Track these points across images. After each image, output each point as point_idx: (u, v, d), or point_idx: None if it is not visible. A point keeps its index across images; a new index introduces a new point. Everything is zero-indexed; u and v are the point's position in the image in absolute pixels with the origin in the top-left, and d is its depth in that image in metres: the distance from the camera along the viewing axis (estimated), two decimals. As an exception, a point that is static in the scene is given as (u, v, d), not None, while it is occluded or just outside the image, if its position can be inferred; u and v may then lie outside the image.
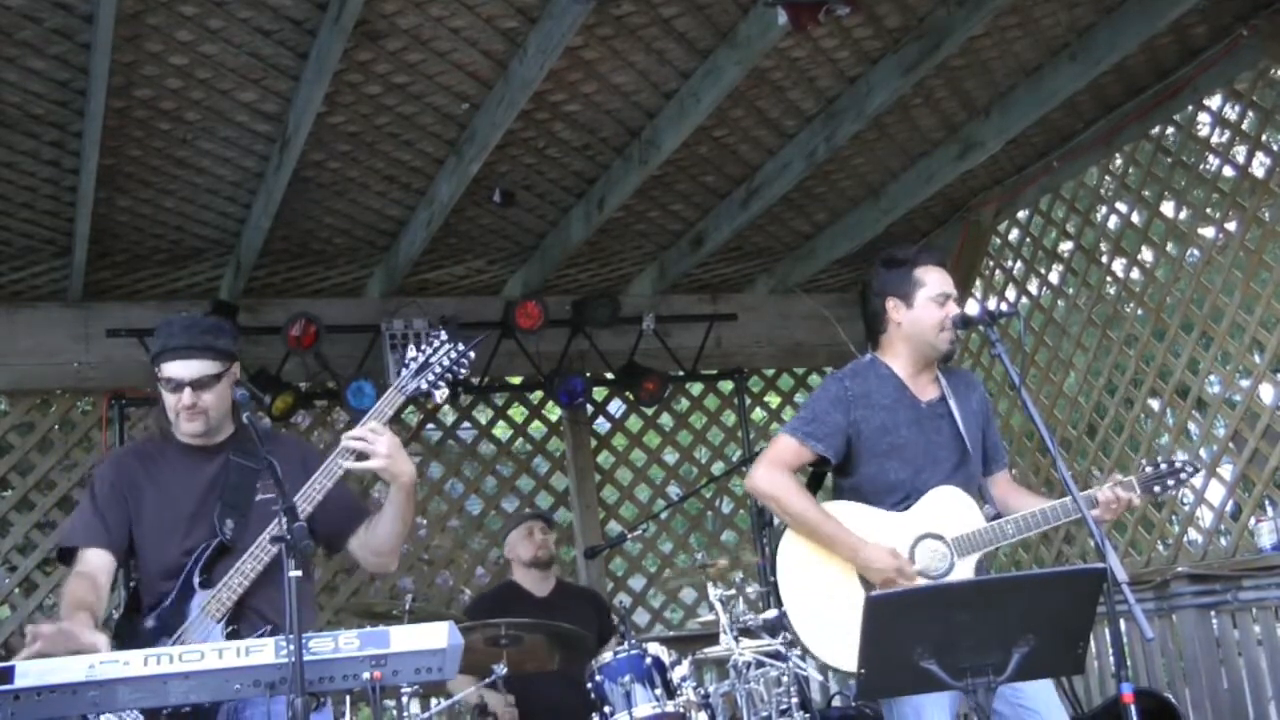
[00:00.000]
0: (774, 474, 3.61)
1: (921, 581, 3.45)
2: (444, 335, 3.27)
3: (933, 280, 3.66)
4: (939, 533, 3.53)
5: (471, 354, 3.28)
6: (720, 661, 4.63)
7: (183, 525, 3.23)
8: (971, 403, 3.72)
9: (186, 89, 4.59)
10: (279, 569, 2.76)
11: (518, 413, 7.83)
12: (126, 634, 3.17)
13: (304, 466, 3.26)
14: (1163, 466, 3.60)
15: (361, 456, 3.15)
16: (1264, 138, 5.72)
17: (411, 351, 3.26)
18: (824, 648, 3.48)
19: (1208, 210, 5.79)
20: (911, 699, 3.35)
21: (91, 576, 3.18)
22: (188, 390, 3.20)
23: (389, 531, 3.30)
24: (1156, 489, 3.59)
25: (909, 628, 2.85)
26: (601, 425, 7.45)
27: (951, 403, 3.67)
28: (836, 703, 5.79)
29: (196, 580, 3.16)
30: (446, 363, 3.24)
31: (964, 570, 3.50)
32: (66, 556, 3.30)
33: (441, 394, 3.27)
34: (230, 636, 3.07)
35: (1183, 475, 3.59)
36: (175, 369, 3.22)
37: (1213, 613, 5.60)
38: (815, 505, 3.57)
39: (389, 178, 5.54)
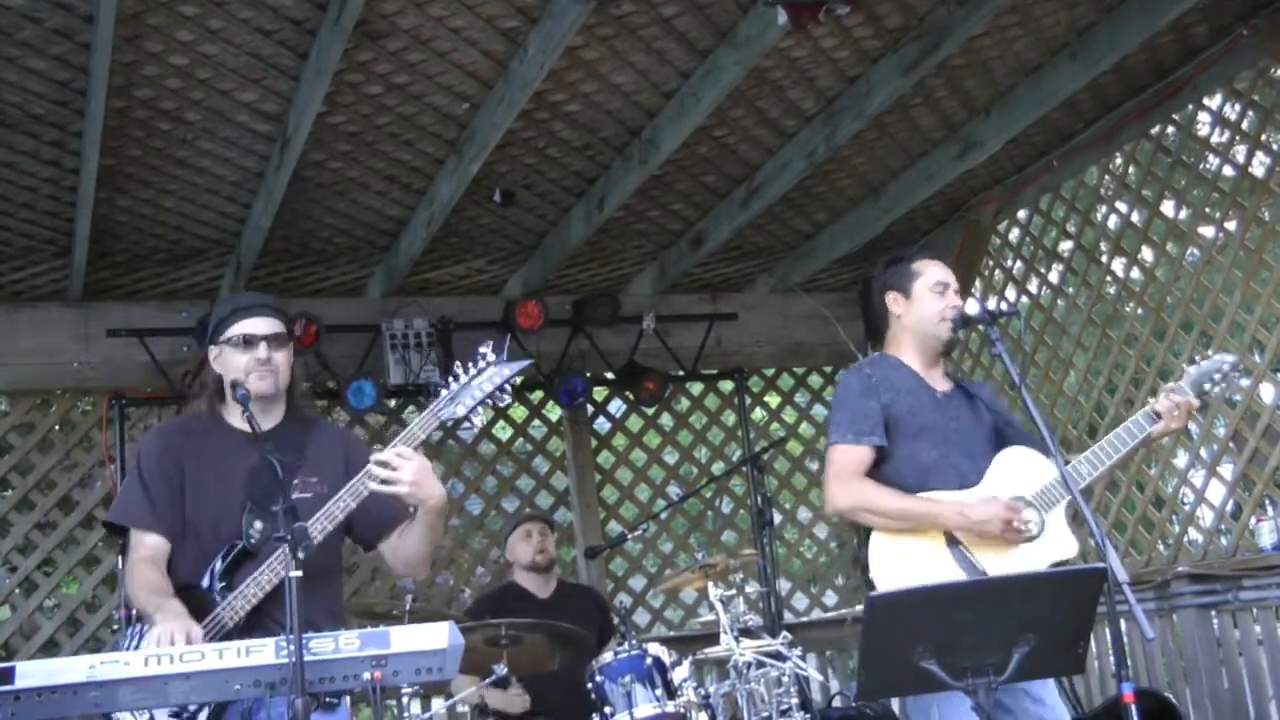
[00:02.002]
0: (849, 485, 3.49)
1: (1031, 516, 3.42)
2: (490, 357, 3.11)
3: (931, 271, 3.67)
4: (1020, 494, 3.48)
5: (517, 380, 3.12)
6: (721, 662, 4.63)
7: (217, 515, 3.18)
8: (984, 394, 3.73)
9: (187, 89, 4.59)
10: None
11: (518, 412, 7.83)
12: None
13: (346, 464, 3.23)
14: (1204, 364, 3.60)
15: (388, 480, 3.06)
16: (1264, 137, 5.71)
17: (456, 368, 3.11)
18: None
19: (1207, 210, 5.79)
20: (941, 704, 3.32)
21: (154, 561, 3.14)
22: (263, 344, 3.16)
23: (418, 545, 3.25)
24: (1207, 387, 3.58)
25: (909, 628, 2.85)
26: (602, 425, 7.45)
27: (969, 390, 3.70)
28: (837, 703, 5.79)
29: (217, 585, 3.12)
30: (489, 388, 3.09)
31: (1056, 524, 3.46)
32: (116, 531, 3.29)
33: (479, 420, 3.14)
34: None
35: (1225, 367, 3.57)
36: (250, 325, 3.18)
37: (1213, 612, 5.60)
38: (905, 495, 3.46)
39: (389, 178, 5.54)
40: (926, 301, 3.62)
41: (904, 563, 3.41)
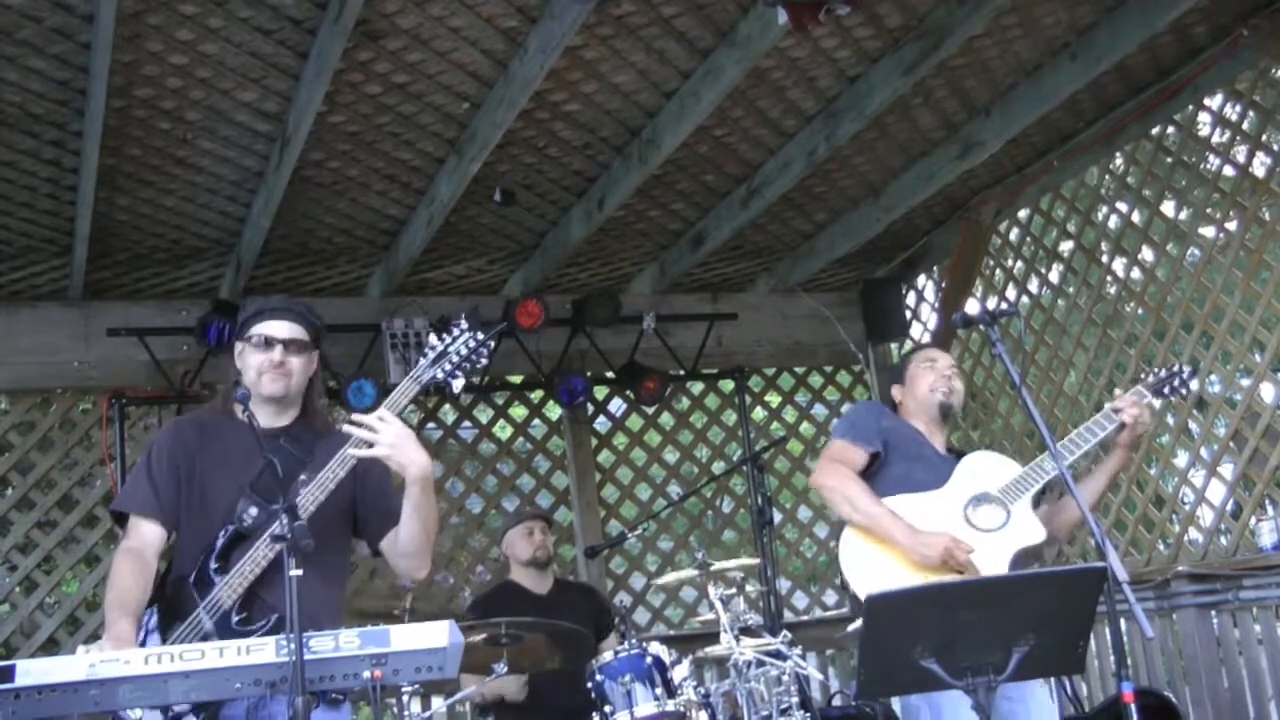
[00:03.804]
0: (837, 470, 3.86)
1: (976, 548, 3.62)
2: (465, 324, 3.23)
3: (920, 354, 4.13)
4: (984, 491, 3.75)
5: (490, 344, 3.23)
6: (721, 660, 4.63)
7: (223, 506, 3.21)
8: None
9: (186, 88, 4.60)
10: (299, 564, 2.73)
11: (518, 411, 7.83)
12: (161, 602, 3.17)
13: (355, 469, 3.23)
14: (1162, 373, 3.95)
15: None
16: (1264, 137, 5.72)
17: (432, 340, 3.23)
18: None
19: (1208, 210, 5.80)
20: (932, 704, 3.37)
21: (140, 553, 3.17)
22: (279, 348, 3.23)
23: (409, 529, 3.24)
24: (1166, 390, 3.92)
25: (909, 627, 2.86)
26: (602, 424, 7.45)
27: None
28: (837, 701, 5.79)
29: (212, 566, 3.14)
30: (464, 351, 3.19)
31: (1021, 515, 3.73)
32: (120, 520, 3.31)
33: (458, 384, 3.20)
34: (241, 623, 3.06)
35: (1183, 375, 3.92)
36: (268, 327, 3.25)
37: (1213, 612, 5.60)
38: (876, 500, 3.77)
39: (389, 177, 5.54)
40: (919, 378, 4.04)
41: (874, 565, 3.70)
